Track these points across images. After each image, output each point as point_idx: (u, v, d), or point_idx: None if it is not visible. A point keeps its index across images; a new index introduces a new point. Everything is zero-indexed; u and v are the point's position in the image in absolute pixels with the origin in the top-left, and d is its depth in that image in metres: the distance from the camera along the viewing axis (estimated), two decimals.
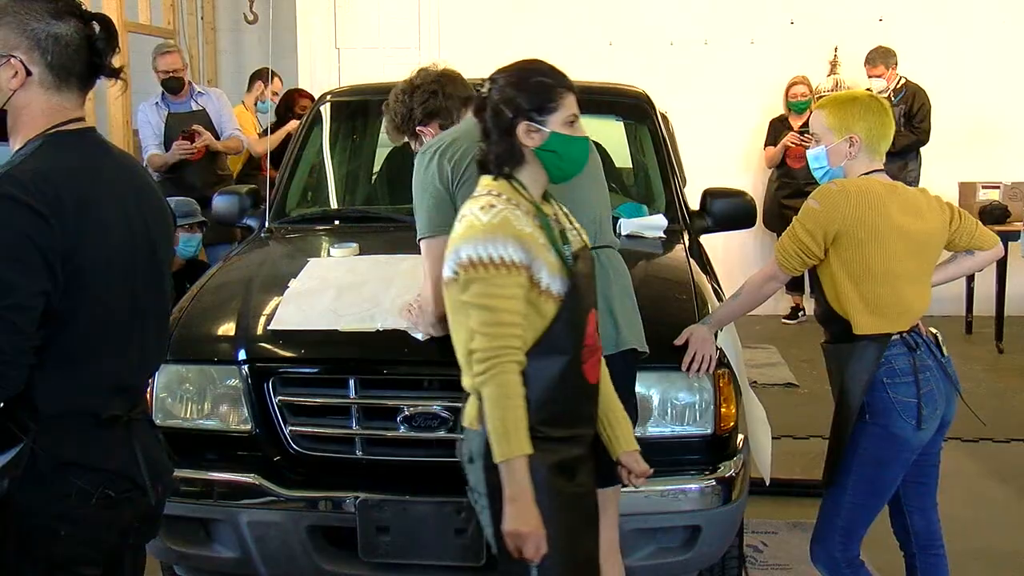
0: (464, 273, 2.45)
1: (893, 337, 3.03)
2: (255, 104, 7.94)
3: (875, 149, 3.14)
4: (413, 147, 3.19)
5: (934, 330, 3.18)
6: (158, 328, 2.37)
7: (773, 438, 3.72)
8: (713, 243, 5.27)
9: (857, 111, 3.15)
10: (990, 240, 3.30)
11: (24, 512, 2.11)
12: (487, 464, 2.48)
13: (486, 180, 2.60)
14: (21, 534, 2.12)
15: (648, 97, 4.89)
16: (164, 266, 2.37)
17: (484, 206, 2.49)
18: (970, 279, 7.74)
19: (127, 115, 7.60)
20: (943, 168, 8.00)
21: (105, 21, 2.22)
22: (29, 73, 2.13)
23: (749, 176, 8.74)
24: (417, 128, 3.14)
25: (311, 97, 7.43)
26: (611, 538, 2.97)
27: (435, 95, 3.10)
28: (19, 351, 2.03)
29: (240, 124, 7.41)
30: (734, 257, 8.06)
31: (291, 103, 7.75)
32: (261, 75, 7.90)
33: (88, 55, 2.18)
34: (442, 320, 2.98)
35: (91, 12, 2.21)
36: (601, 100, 4.90)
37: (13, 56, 2.12)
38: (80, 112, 2.23)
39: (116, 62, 2.25)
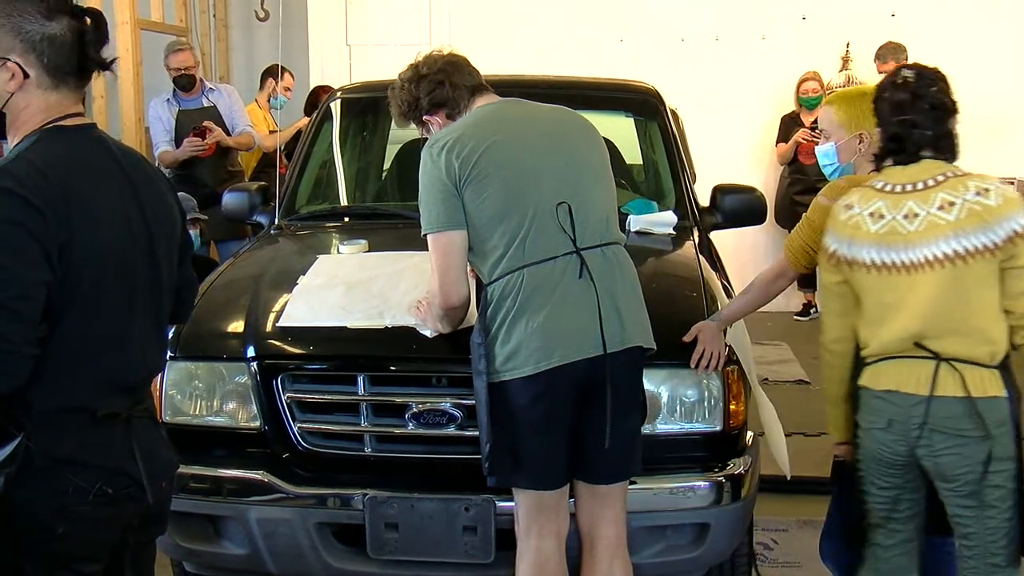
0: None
1: None
2: (268, 100, 7.95)
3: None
4: (420, 133, 3.18)
5: None
6: (158, 325, 2.36)
7: (784, 435, 3.71)
8: (725, 239, 5.25)
9: (868, 107, 3.13)
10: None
11: (21, 510, 2.10)
12: (1014, 427, 2.76)
13: (941, 164, 2.84)
14: (19, 532, 2.12)
15: (658, 93, 4.88)
16: (165, 262, 2.35)
17: (997, 180, 2.82)
18: None
19: (139, 112, 7.62)
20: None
21: (95, 15, 2.22)
22: (26, 75, 2.14)
23: (761, 172, 8.72)
24: (424, 117, 3.10)
25: None
26: (617, 534, 2.98)
27: (441, 85, 3.05)
28: (25, 341, 2.03)
29: (251, 121, 7.43)
30: (746, 253, 8.03)
31: (317, 101, 7.75)
32: (272, 72, 7.92)
33: (80, 51, 2.18)
34: (450, 313, 2.98)
35: (81, 7, 2.22)
36: (611, 96, 4.91)
37: (9, 59, 2.13)
38: (78, 107, 2.24)
39: (105, 54, 2.25)
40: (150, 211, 2.30)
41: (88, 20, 2.19)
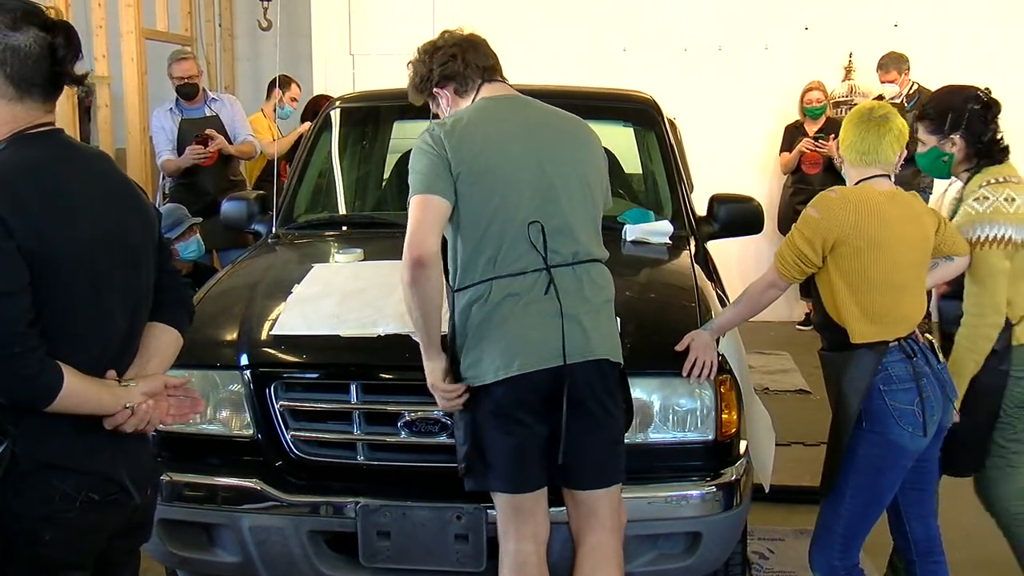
0: None
1: (891, 344, 3.03)
2: (274, 110, 7.98)
3: (857, 159, 3.16)
4: (432, 108, 3.18)
5: (930, 336, 3.18)
6: (136, 326, 2.36)
7: (783, 444, 3.71)
8: (728, 248, 5.26)
9: (844, 122, 3.23)
10: (965, 246, 3.32)
11: (6, 516, 2.11)
12: None
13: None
14: (5, 538, 2.12)
15: (656, 103, 4.89)
16: (143, 262, 2.35)
17: None
18: None
19: (144, 121, 7.65)
20: None
21: (67, 28, 2.21)
22: None
23: (764, 182, 8.73)
24: (434, 89, 3.11)
25: None
26: (603, 542, 2.96)
27: (454, 59, 3.06)
28: (15, 336, 2.03)
29: (255, 129, 7.46)
30: (749, 263, 8.05)
31: (317, 109, 7.78)
32: (278, 82, 7.97)
33: (50, 64, 2.17)
34: (417, 273, 2.80)
35: (53, 20, 2.21)
36: (609, 106, 4.93)
37: None
38: (47, 117, 2.24)
39: (79, 69, 2.25)
40: (122, 212, 2.31)
41: (60, 33, 2.18)
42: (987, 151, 3.44)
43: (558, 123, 3.09)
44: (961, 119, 3.41)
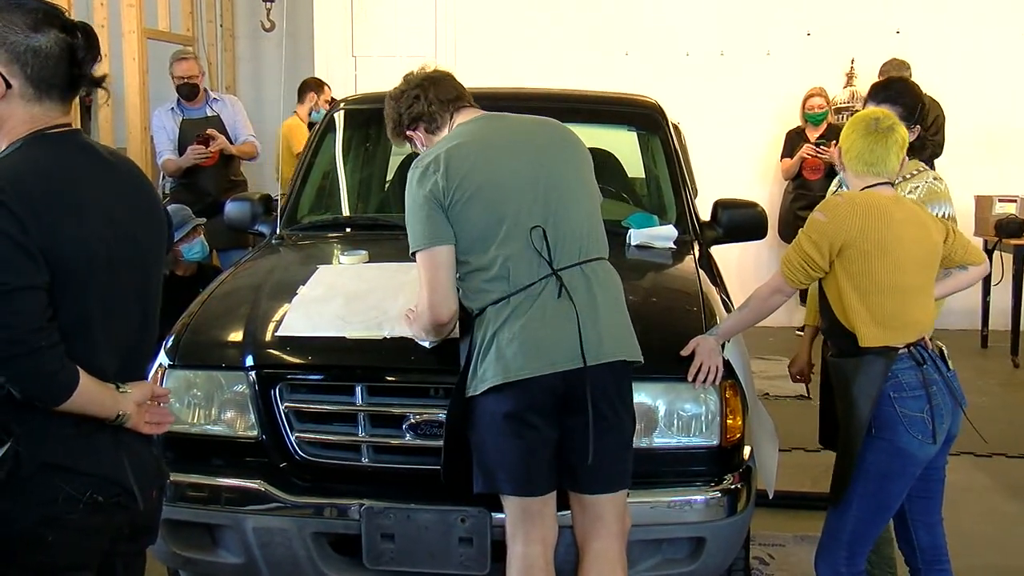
0: None
1: (900, 351, 3.02)
2: (309, 114, 7.95)
3: (865, 170, 3.16)
4: (412, 149, 3.24)
5: (940, 343, 3.18)
6: (145, 329, 2.35)
7: (784, 450, 3.70)
8: (729, 254, 5.26)
9: (845, 129, 3.24)
10: (981, 255, 3.35)
11: (9, 517, 2.10)
12: None
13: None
14: (6, 540, 2.11)
15: (660, 107, 4.89)
16: (151, 268, 2.35)
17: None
18: (985, 293, 7.71)
19: (145, 121, 7.65)
20: (959, 181, 7.84)
21: (86, 30, 2.21)
22: (9, 85, 2.13)
23: (765, 187, 8.73)
24: (406, 132, 3.17)
25: None
26: (608, 547, 2.96)
27: (418, 99, 3.11)
28: (19, 338, 2.03)
29: (296, 138, 7.42)
30: (750, 268, 8.05)
31: None
32: (312, 85, 7.96)
33: (69, 65, 2.17)
34: (439, 329, 3.02)
35: (73, 21, 2.21)
36: (614, 110, 4.92)
37: None
38: (65, 119, 2.23)
39: (98, 71, 2.25)
40: (138, 216, 2.30)
41: (80, 34, 2.18)
42: (920, 145, 3.70)
43: (537, 128, 3.14)
44: (921, 111, 3.65)
